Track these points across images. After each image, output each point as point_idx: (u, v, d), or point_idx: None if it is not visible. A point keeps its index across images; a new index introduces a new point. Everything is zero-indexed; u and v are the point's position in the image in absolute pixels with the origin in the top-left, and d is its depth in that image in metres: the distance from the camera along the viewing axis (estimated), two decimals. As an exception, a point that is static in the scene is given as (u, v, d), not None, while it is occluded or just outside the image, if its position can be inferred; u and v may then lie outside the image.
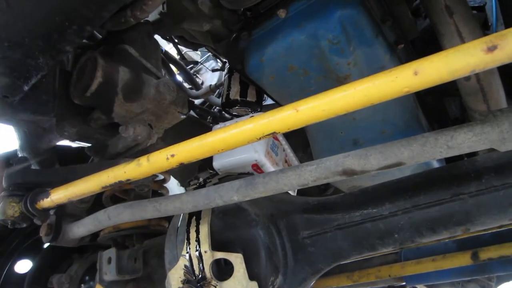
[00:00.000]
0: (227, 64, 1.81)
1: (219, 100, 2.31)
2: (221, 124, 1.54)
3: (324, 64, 1.23)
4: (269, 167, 1.46)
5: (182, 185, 2.07)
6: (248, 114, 1.59)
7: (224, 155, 1.45)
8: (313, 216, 1.11)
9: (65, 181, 1.13)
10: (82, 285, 1.72)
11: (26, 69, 0.95)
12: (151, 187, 1.56)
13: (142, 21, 1.23)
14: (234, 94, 1.51)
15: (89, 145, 1.31)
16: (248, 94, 1.52)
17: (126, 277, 1.36)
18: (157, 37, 1.55)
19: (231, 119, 1.80)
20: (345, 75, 1.24)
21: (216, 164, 1.49)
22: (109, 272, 1.34)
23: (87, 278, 1.72)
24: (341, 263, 1.13)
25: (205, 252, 1.08)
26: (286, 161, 1.63)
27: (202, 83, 2.97)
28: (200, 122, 2.17)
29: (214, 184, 1.02)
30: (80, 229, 1.28)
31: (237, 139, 0.82)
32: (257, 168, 1.45)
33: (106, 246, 1.47)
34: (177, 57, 2.17)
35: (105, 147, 1.27)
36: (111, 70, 1.13)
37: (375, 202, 1.03)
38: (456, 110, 1.57)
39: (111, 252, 1.37)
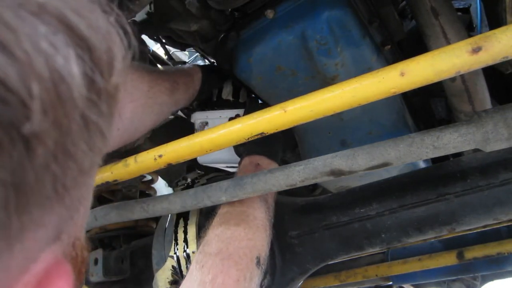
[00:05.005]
0: (215, 64, 1.79)
1: (207, 100, 2.30)
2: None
3: (312, 64, 1.24)
4: None
5: (170, 185, 2.06)
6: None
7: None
8: (301, 216, 1.12)
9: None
10: (68, 287, 1.69)
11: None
12: (139, 188, 1.55)
13: (129, 21, 1.22)
14: (227, 94, 1.51)
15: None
16: (240, 96, 1.52)
17: (113, 278, 1.35)
18: (144, 37, 1.54)
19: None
20: (332, 75, 1.24)
21: (201, 159, 1.42)
22: (95, 273, 1.33)
23: (73, 279, 1.70)
24: (329, 263, 1.14)
25: (193, 252, 1.07)
26: None
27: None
28: (188, 122, 2.16)
29: (202, 184, 1.01)
30: (66, 230, 1.26)
31: (225, 139, 0.81)
32: None
33: (92, 247, 1.46)
34: (164, 57, 2.15)
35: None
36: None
37: (362, 203, 1.04)
38: (442, 111, 1.58)
39: (98, 253, 1.36)
